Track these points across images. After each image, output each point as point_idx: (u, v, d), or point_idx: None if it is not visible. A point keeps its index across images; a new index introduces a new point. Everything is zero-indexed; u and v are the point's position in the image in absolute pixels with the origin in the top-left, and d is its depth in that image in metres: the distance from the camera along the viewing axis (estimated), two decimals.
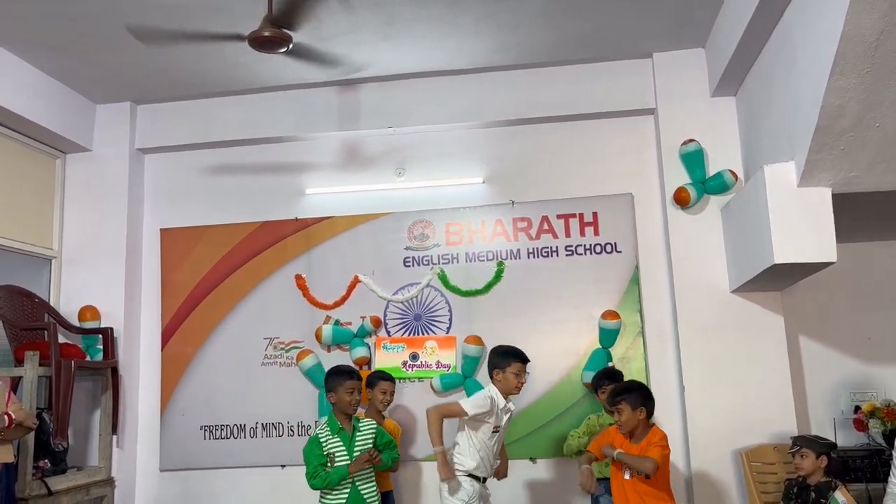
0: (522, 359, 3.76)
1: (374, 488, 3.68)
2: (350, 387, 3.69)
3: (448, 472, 3.59)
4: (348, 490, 3.58)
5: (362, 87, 4.93)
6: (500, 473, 3.89)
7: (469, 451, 3.68)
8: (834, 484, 3.52)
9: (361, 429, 3.72)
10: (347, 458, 3.59)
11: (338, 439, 3.64)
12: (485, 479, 3.73)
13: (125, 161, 5.03)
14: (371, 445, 3.66)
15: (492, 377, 3.76)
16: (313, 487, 3.58)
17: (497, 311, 4.73)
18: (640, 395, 3.46)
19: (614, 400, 3.48)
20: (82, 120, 4.97)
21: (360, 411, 4.00)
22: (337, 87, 4.92)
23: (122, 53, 4.38)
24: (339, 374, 3.76)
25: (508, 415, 3.78)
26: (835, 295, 4.65)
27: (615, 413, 3.48)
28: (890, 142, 3.29)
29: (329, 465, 3.58)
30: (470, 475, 3.65)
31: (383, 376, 4.27)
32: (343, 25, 4.10)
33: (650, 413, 3.45)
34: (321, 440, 3.64)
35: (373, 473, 3.70)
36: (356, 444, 3.64)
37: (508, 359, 3.74)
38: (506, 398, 3.74)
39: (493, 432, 3.69)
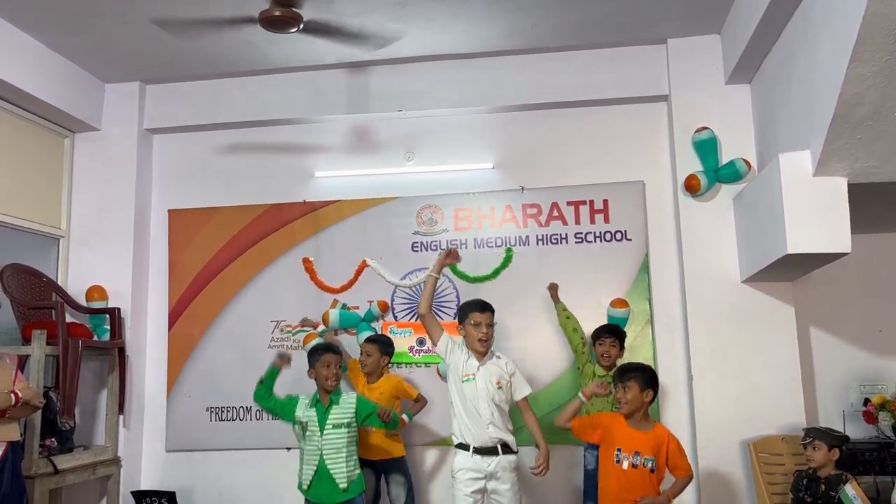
0: (480, 307, 3.68)
1: (344, 468, 3.69)
2: (326, 361, 3.78)
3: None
4: (316, 463, 3.68)
5: (372, 69, 4.88)
6: (540, 463, 3.59)
7: (452, 415, 3.65)
8: (845, 477, 3.51)
9: (341, 403, 3.77)
10: (318, 431, 3.70)
11: (313, 411, 3.75)
12: (484, 451, 3.54)
13: (133, 141, 5.01)
14: (347, 420, 3.72)
15: None
16: (255, 396, 3.83)
17: (505, 298, 4.67)
18: (651, 377, 3.39)
19: (624, 376, 3.37)
20: (91, 99, 4.94)
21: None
22: (347, 69, 4.88)
23: (132, 32, 4.35)
24: (314, 352, 3.90)
25: (494, 365, 3.67)
26: (847, 286, 4.61)
27: (620, 389, 3.35)
28: None
29: (302, 432, 3.74)
30: (459, 445, 3.60)
31: (371, 339, 4.35)
32: (354, 6, 4.05)
33: (654, 399, 3.39)
34: (297, 404, 3.79)
35: (346, 452, 3.71)
36: (329, 417, 3.71)
37: (465, 311, 3.71)
38: (479, 354, 3.65)
39: (464, 381, 3.60)
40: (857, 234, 3.59)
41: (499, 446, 3.58)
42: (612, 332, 4.21)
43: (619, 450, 3.33)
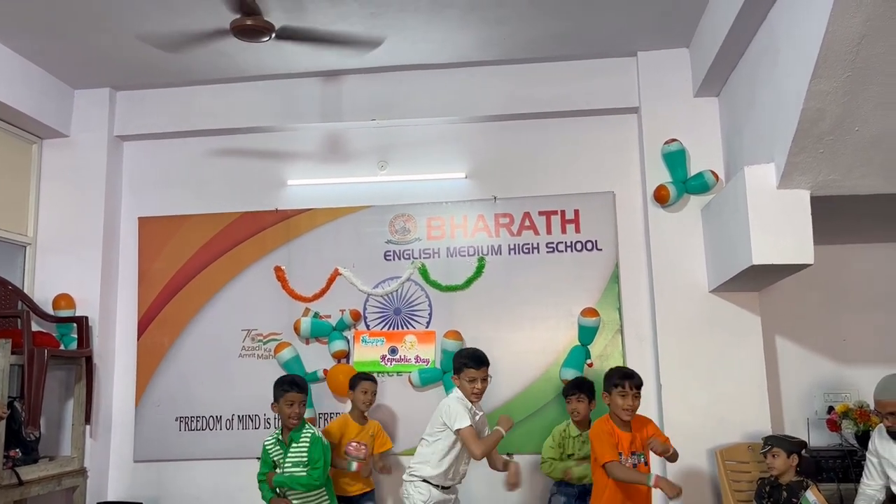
0: (476, 363, 3.61)
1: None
2: (290, 399, 3.76)
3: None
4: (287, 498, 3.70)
5: (346, 78, 4.89)
6: (510, 479, 3.65)
7: (433, 458, 3.59)
8: (805, 483, 3.57)
9: (300, 440, 3.76)
10: (282, 469, 3.75)
11: (279, 449, 3.79)
12: (449, 489, 3.63)
13: (103, 148, 4.96)
14: (306, 457, 3.72)
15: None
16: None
17: (477, 307, 4.73)
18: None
19: (637, 384, 3.50)
20: (60, 105, 4.89)
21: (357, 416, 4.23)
22: (320, 77, 4.88)
23: (102, 39, 4.32)
24: (279, 385, 3.85)
25: (480, 423, 3.67)
26: (811, 296, 4.69)
27: (631, 397, 3.46)
28: (868, 146, 3.32)
29: (278, 471, 3.77)
30: (425, 480, 3.57)
31: (365, 377, 4.32)
32: (328, 15, 4.06)
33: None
34: (267, 448, 3.83)
35: (316, 494, 3.75)
36: (289, 455, 3.75)
37: (461, 366, 3.63)
38: (475, 406, 3.64)
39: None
40: (821, 245, 3.67)
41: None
42: (579, 387, 4.18)
43: (620, 454, 3.46)
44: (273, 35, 3.69)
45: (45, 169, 4.97)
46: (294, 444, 3.75)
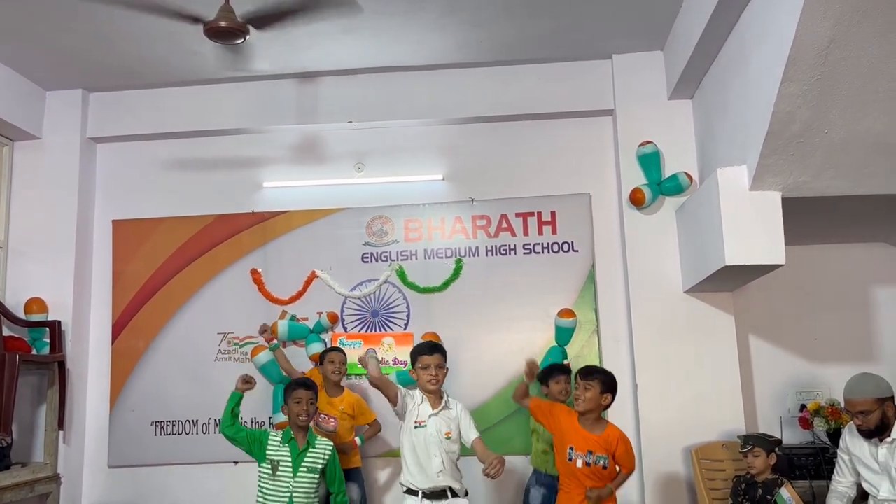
0: (428, 350, 3.60)
1: None
2: (298, 397, 3.64)
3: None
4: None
5: (322, 80, 4.88)
6: (492, 461, 3.47)
7: (404, 461, 3.53)
8: (780, 481, 3.62)
9: (316, 446, 3.65)
10: (291, 471, 3.55)
11: (287, 449, 3.60)
12: (433, 496, 3.47)
13: (76, 150, 4.90)
14: (321, 466, 3.61)
15: None
16: (222, 427, 3.65)
17: (455, 309, 4.74)
18: (612, 384, 3.46)
19: (588, 376, 3.41)
20: (31, 107, 4.82)
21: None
22: (296, 79, 4.86)
23: (74, 39, 4.27)
24: (288, 387, 3.76)
25: (445, 416, 3.55)
26: (784, 296, 4.76)
27: (581, 388, 3.40)
28: (838, 148, 3.38)
29: (272, 471, 3.55)
30: (407, 491, 3.51)
31: (331, 348, 4.37)
32: (304, 17, 4.04)
33: (609, 405, 3.45)
34: (269, 440, 3.62)
35: (314, 497, 3.62)
36: (305, 459, 3.59)
37: (414, 355, 3.64)
38: (432, 397, 3.56)
39: (415, 428, 3.51)
40: (792, 245, 3.72)
41: (447, 490, 3.51)
42: (564, 371, 4.14)
43: (571, 448, 3.40)
44: (247, 37, 3.66)
45: (16, 171, 4.89)
46: (311, 450, 3.61)
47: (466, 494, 3.59)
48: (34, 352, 4.53)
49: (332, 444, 3.73)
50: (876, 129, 3.29)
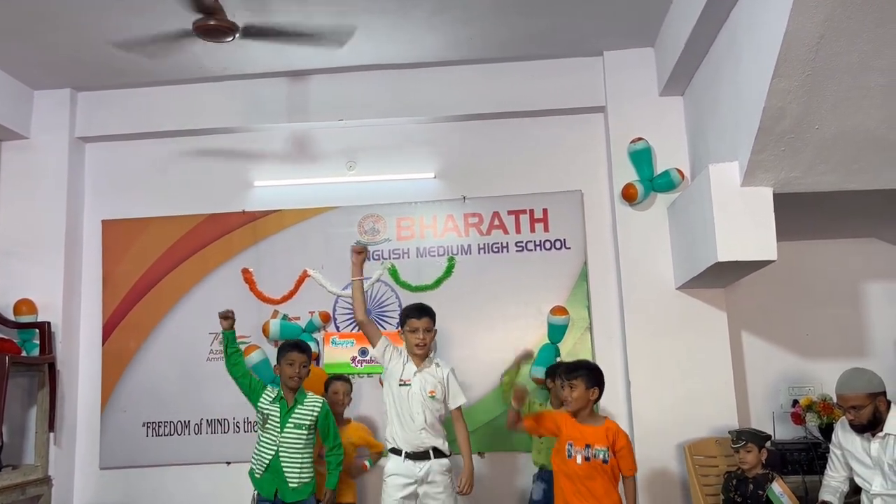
0: (417, 313, 3.67)
1: (298, 469, 3.69)
2: (290, 359, 3.75)
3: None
4: (270, 457, 3.68)
5: (312, 78, 4.85)
6: (463, 483, 3.57)
7: (386, 421, 3.66)
8: (771, 476, 3.63)
9: (305, 403, 3.77)
10: (279, 427, 3.71)
11: (276, 406, 3.75)
12: (416, 456, 3.54)
13: (64, 149, 4.86)
14: (309, 422, 3.73)
15: None
16: (228, 366, 3.81)
17: (447, 307, 4.68)
18: (596, 375, 3.45)
19: (570, 374, 3.40)
20: (19, 106, 4.78)
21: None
22: (286, 77, 4.84)
23: (61, 38, 4.24)
24: (283, 347, 3.87)
25: (430, 374, 3.64)
26: (776, 292, 4.77)
27: (566, 388, 3.40)
28: (829, 144, 3.38)
29: (262, 423, 3.74)
30: (391, 450, 3.62)
31: (336, 377, 4.30)
32: (294, 16, 4.02)
33: (599, 397, 3.46)
34: (265, 394, 3.78)
35: (301, 454, 3.71)
36: (292, 416, 3.72)
37: (403, 316, 3.76)
38: (418, 359, 3.66)
39: (399, 386, 3.62)
40: (784, 241, 3.73)
41: (430, 450, 3.58)
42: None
43: (570, 444, 3.36)
44: (237, 35, 3.64)
45: (4, 171, 4.86)
46: (299, 407, 3.74)
47: (450, 455, 3.64)
48: (24, 353, 4.50)
49: (321, 400, 3.83)
50: (866, 125, 3.29)
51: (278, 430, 3.71)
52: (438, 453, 3.60)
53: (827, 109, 3.20)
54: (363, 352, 4.70)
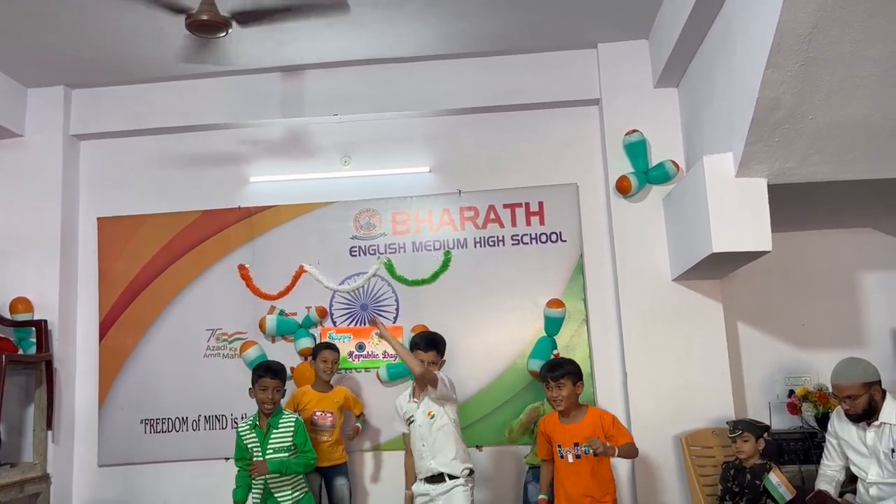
0: (423, 347, 3.65)
1: (290, 492, 3.71)
2: (263, 385, 3.72)
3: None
4: (262, 488, 3.69)
5: (307, 73, 4.84)
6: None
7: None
8: (768, 466, 3.65)
9: (280, 425, 3.72)
10: (260, 455, 3.69)
11: (254, 435, 3.73)
12: (431, 480, 3.53)
13: (59, 147, 4.85)
14: (288, 444, 3.69)
15: None
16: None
17: (444, 301, 4.73)
18: (578, 370, 3.53)
19: (555, 373, 3.45)
20: (12, 104, 4.77)
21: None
22: (280, 72, 4.83)
23: (55, 34, 4.22)
24: (255, 371, 3.83)
25: (427, 404, 3.58)
26: (771, 283, 4.78)
27: (555, 388, 3.44)
28: (822, 134, 3.38)
29: (250, 459, 3.72)
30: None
31: (325, 345, 4.36)
32: (290, 16, 4.00)
33: (583, 391, 3.55)
34: (241, 433, 3.77)
35: (291, 479, 3.71)
36: (270, 441, 3.69)
37: (412, 347, 3.71)
38: (418, 390, 3.62)
39: (409, 424, 3.63)
40: (779, 232, 3.73)
41: (445, 475, 3.51)
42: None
43: (559, 446, 3.45)
44: (230, 30, 3.63)
45: None
46: (274, 431, 3.70)
47: (471, 473, 3.57)
48: (21, 351, 4.50)
49: (294, 417, 3.81)
50: (860, 115, 3.30)
51: (261, 457, 3.69)
52: (452, 477, 3.52)
53: (820, 100, 3.20)
54: (360, 346, 4.71)
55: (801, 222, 4.66)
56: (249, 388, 3.83)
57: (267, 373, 3.76)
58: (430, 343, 3.71)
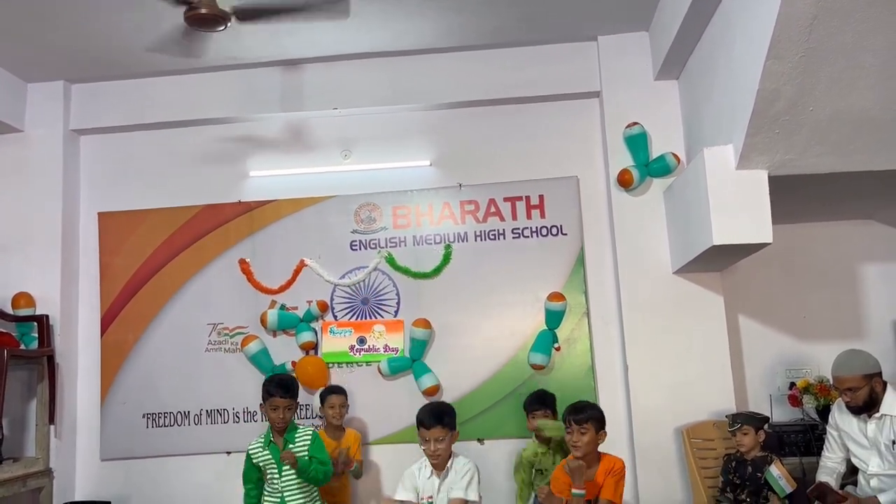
0: (427, 423, 3.48)
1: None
2: (274, 404, 3.64)
3: None
4: (278, 503, 3.62)
5: (306, 67, 4.83)
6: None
7: None
8: (769, 458, 3.65)
9: (296, 440, 3.67)
10: (277, 472, 3.62)
11: (268, 453, 3.66)
12: None
13: (59, 142, 4.85)
14: (305, 456, 3.62)
15: None
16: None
17: (444, 295, 4.73)
18: (603, 416, 3.42)
19: (581, 418, 3.33)
20: (12, 99, 4.77)
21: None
22: (280, 66, 4.82)
23: (55, 30, 4.21)
24: (266, 387, 3.72)
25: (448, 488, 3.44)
26: (772, 275, 4.78)
27: (576, 433, 3.32)
28: (823, 125, 3.37)
29: (264, 477, 3.65)
30: None
31: (332, 390, 4.29)
32: (286, 4, 3.99)
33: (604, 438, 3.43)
34: (251, 453, 3.68)
35: (306, 490, 3.66)
36: None
37: (418, 423, 3.55)
38: (437, 469, 3.48)
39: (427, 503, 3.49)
40: (779, 224, 3.72)
41: None
42: (542, 402, 4.05)
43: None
44: (229, 23, 3.62)
45: None
46: (291, 445, 3.63)
47: None
48: (22, 346, 4.51)
49: (311, 430, 3.76)
50: (861, 105, 3.28)
51: (277, 475, 3.63)
52: None
53: (821, 91, 3.19)
54: (361, 340, 4.71)
55: (802, 214, 4.65)
56: (260, 404, 3.76)
57: (278, 390, 3.64)
58: (435, 418, 3.48)
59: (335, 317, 4.77)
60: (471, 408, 4.56)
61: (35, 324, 4.58)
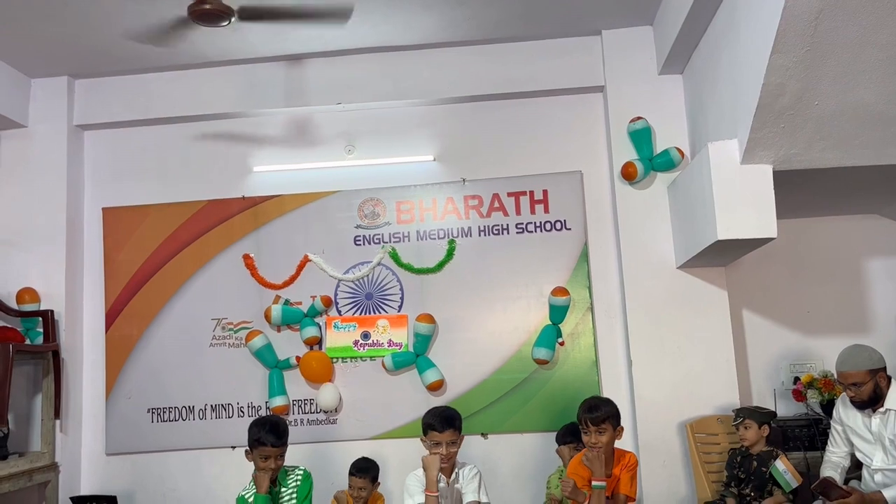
0: (438, 426, 3.45)
1: None
2: (264, 453, 3.35)
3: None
4: None
5: (310, 62, 4.83)
6: None
7: None
8: (775, 453, 3.66)
9: (288, 483, 3.52)
10: None
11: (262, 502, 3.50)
12: None
13: (63, 138, 4.85)
14: (297, 498, 3.48)
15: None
16: None
17: (449, 290, 4.73)
18: (618, 412, 3.41)
19: (597, 417, 3.30)
20: (16, 95, 4.77)
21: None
22: (284, 61, 4.82)
23: (58, 25, 4.21)
24: (252, 432, 3.45)
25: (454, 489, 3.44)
26: (777, 270, 4.77)
27: (594, 434, 3.30)
28: (828, 120, 3.36)
29: None
30: None
31: (354, 470, 3.98)
32: (288, 7, 3.99)
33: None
34: (246, 498, 3.46)
35: None
36: (281, 500, 3.49)
37: (426, 427, 3.52)
38: (445, 473, 3.45)
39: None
40: (784, 219, 3.72)
41: None
42: (574, 434, 3.84)
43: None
44: (233, 19, 3.62)
45: (3, 161, 4.85)
46: (283, 489, 3.46)
47: None
48: (28, 342, 4.53)
49: (302, 470, 3.61)
50: (866, 100, 3.27)
51: None
52: None
53: (826, 85, 3.18)
54: (366, 335, 4.71)
55: (806, 209, 4.64)
56: (246, 451, 3.50)
57: (269, 437, 3.34)
58: (445, 422, 3.46)
59: (339, 312, 4.78)
60: (475, 402, 4.57)
61: (40, 319, 4.60)
